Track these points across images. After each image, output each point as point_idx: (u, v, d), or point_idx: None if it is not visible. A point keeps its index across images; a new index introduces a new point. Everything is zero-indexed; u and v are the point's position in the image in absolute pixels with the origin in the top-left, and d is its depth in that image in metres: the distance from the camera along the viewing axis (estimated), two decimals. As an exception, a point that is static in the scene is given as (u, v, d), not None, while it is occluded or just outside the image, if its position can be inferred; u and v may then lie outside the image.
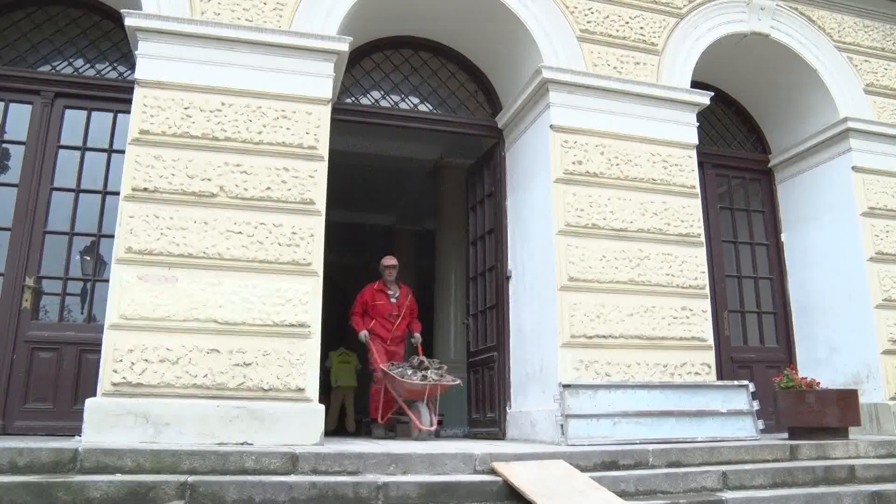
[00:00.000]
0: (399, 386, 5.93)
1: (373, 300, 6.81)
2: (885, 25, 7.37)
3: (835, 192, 6.88)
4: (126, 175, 4.86)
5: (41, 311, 5.32)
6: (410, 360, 6.14)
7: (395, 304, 6.82)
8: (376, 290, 6.87)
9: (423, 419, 5.81)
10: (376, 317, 6.76)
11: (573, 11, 6.19)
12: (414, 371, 5.94)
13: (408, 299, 6.92)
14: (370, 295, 6.85)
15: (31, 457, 3.66)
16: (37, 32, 5.79)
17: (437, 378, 5.90)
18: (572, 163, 5.79)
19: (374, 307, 6.78)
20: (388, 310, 6.80)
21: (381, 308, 6.79)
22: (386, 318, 6.79)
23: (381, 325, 6.76)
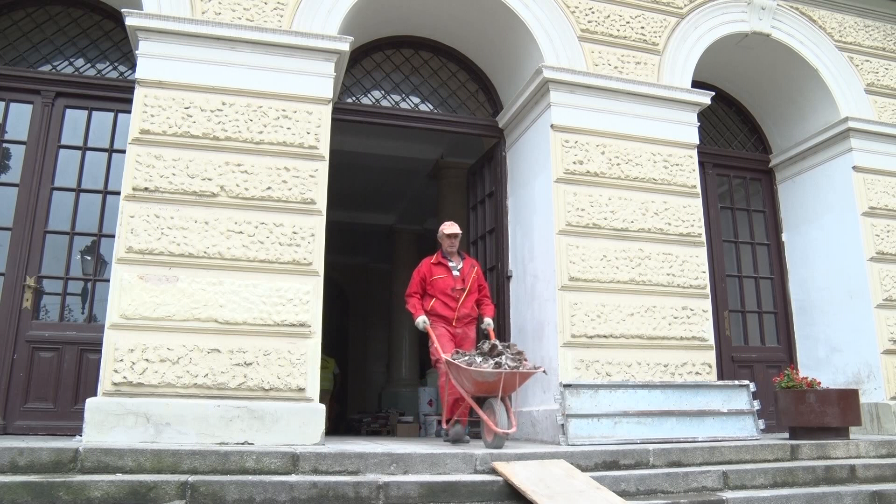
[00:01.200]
0: (466, 377, 4.68)
1: (431, 275, 5.61)
2: (886, 25, 7.37)
3: (835, 192, 6.88)
4: (127, 175, 4.86)
5: (42, 310, 5.32)
6: (480, 345, 4.93)
7: (457, 278, 5.58)
8: (433, 264, 5.65)
9: (499, 419, 4.54)
10: (436, 294, 5.57)
11: (574, 11, 6.19)
12: (484, 358, 4.69)
13: (474, 271, 5.70)
14: (427, 269, 5.65)
15: (31, 456, 3.66)
16: (38, 32, 5.80)
17: (514, 365, 4.59)
18: (573, 162, 5.79)
19: (432, 283, 5.60)
20: (450, 284, 5.58)
21: (441, 283, 5.59)
22: (448, 295, 5.55)
23: (442, 304, 5.54)
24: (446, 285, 5.58)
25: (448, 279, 5.59)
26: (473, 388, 4.71)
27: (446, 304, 5.54)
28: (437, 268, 5.64)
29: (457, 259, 5.69)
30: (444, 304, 5.54)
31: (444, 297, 5.55)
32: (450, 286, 5.57)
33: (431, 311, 5.52)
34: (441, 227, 5.70)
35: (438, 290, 5.57)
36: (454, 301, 5.54)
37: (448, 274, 5.61)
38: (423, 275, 5.64)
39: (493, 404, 4.62)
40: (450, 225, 5.69)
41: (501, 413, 4.57)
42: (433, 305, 5.55)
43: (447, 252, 5.68)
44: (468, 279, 5.61)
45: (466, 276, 5.61)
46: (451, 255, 5.69)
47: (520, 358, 4.73)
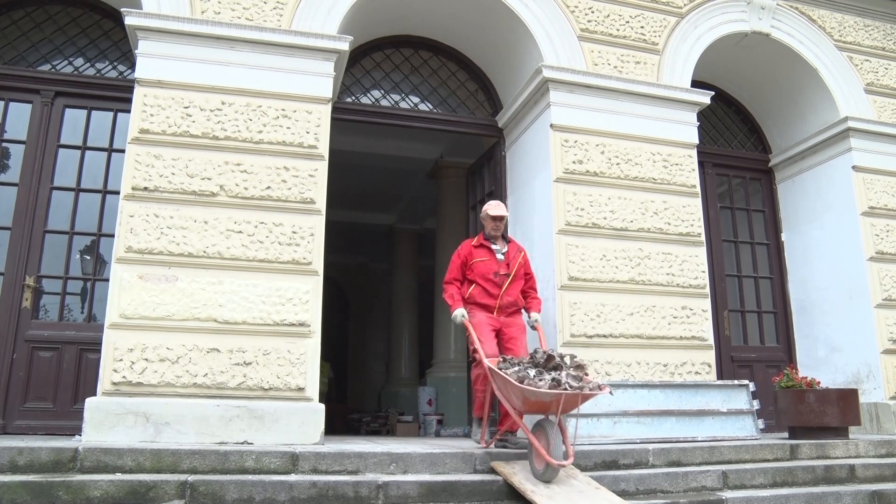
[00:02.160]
0: (516, 394, 3.87)
1: (471, 257, 5.00)
2: (886, 25, 7.37)
3: (835, 192, 6.88)
4: (126, 174, 4.86)
5: (41, 310, 5.32)
6: (533, 354, 4.15)
7: (501, 262, 4.97)
8: (475, 246, 5.04)
9: (554, 448, 3.72)
10: (477, 279, 4.93)
11: (574, 11, 6.19)
12: (539, 372, 3.89)
13: (520, 256, 5.08)
14: (467, 252, 5.03)
15: (31, 456, 3.66)
16: (37, 31, 5.79)
17: (577, 386, 3.77)
18: (573, 162, 5.79)
19: (473, 267, 4.98)
20: (493, 268, 4.94)
21: (482, 267, 4.95)
22: (490, 280, 4.91)
23: (483, 291, 4.90)
24: (488, 269, 4.93)
25: (491, 262, 4.96)
26: (524, 407, 3.91)
27: (488, 290, 4.89)
28: (479, 250, 5.02)
29: (501, 243, 5.09)
30: (484, 291, 4.90)
31: (486, 283, 4.90)
32: (492, 270, 4.92)
33: (470, 299, 4.91)
34: (485, 208, 5.10)
35: (479, 274, 4.93)
36: (497, 287, 4.89)
37: (491, 257, 4.98)
38: (464, 258, 5.02)
39: (547, 428, 3.81)
40: (496, 205, 5.08)
41: (556, 440, 3.75)
42: (472, 292, 4.91)
43: (490, 235, 5.07)
44: (513, 264, 4.98)
45: (512, 261, 4.99)
46: (495, 239, 5.08)
47: (581, 374, 3.91)
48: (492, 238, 5.07)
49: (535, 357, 4.08)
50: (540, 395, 3.71)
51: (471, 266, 4.99)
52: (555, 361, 3.99)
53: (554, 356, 4.01)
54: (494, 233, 5.07)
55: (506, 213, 5.09)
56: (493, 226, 5.06)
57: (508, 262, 4.99)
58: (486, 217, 5.09)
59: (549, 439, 3.76)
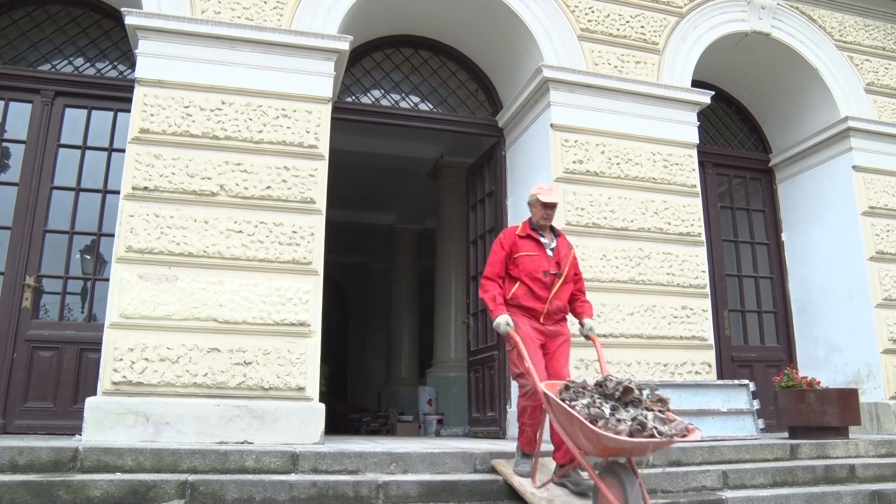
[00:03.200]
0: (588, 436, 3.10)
1: (517, 249, 4.12)
2: (886, 24, 7.36)
3: (835, 192, 6.88)
4: (126, 174, 4.86)
5: (41, 309, 5.32)
6: (604, 381, 3.33)
7: (551, 259, 4.10)
8: (521, 237, 4.15)
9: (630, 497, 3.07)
10: (522, 277, 4.06)
11: (574, 10, 6.19)
12: (614, 408, 3.14)
13: (571, 253, 4.23)
14: (512, 242, 4.13)
15: (31, 456, 3.66)
16: (37, 31, 5.79)
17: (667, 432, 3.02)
18: (573, 162, 5.79)
19: (517, 262, 4.10)
20: (542, 265, 4.06)
21: (529, 263, 4.07)
22: (538, 280, 4.03)
23: (529, 292, 4.03)
24: (537, 266, 4.05)
25: (540, 259, 4.07)
26: (595, 450, 3.15)
27: (534, 292, 4.02)
28: (525, 242, 4.12)
29: (550, 235, 4.22)
30: (530, 293, 4.02)
31: (533, 283, 4.03)
32: (541, 268, 4.05)
33: (513, 301, 4.03)
34: (535, 191, 4.18)
35: (525, 271, 4.05)
36: (546, 289, 4.03)
37: (541, 252, 4.10)
38: (509, 249, 4.12)
39: (621, 474, 3.14)
40: (548, 190, 4.16)
41: (633, 488, 3.09)
42: (516, 293, 4.04)
43: (538, 225, 4.19)
44: (564, 263, 4.13)
45: (563, 259, 4.14)
46: (544, 230, 4.20)
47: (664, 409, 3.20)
48: (540, 228, 4.19)
49: (607, 386, 3.27)
50: (621, 442, 2.99)
51: (515, 260, 4.10)
52: (633, 395, 3.21)
53: (631, 388, 3.23)
54: (544, 223, 4.19)
55: (559, 199, 4.24)
56: (544, 214, 4.15)
57: (559, 261, 4.13)
58: (536, 203, 4.16)
59: (625, 488, 3.08)
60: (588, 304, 4.28)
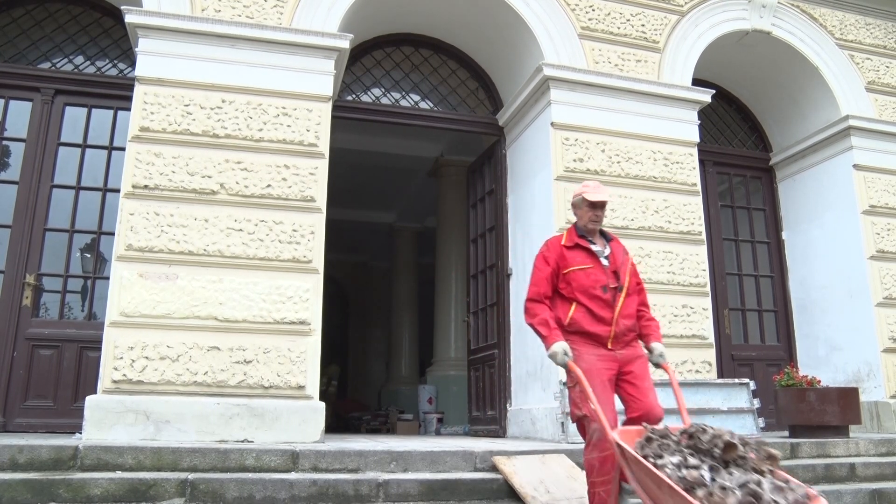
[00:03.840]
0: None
1: (565, 264, 3.46)
2: (887, 23, 7.35)
3: (836, 190, 6.87)
4: (126, 172, 4.86)
5: (41, 308, 5.32)
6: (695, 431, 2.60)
7: (607, 269, 3.45)
8: (568, 248, 3.49)
9: None
10: (577, 296, 3.39)
11: (574, 9, 6.18)
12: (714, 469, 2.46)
13: (628, 259, 3.59)
14: (558, 255, 3.48)
15: (31, 454, 3.66)
16: (37, 29, 5.79)
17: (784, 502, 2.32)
18: (573, 160, 5.78)
19: (568, 278, 3.43)
20: (600, 279, 3.41)
21: (583, 278, 3.41)
22: (598, 298, 3.37)
23: (589, 314, 3.36)
24: (593, 281, 3.40)
25: (595, 271, 3.42)
26: None
27: (595, 313, 3.35)
28: (574, 253, 3.47)
29: (601, 241, 3.57)
30: (590, 315, 3.35)
31: (592, 302, 3.36)
32: (599, 282, 3.40)
33: (572, 327, 3.35)
34: (579, 191, 3.58)
35: (581, 289, 3.39)
36: (608, 308, 3.35)
37: (594, 263, 3.45)
38: (555, 264, 3.46)
39: None
40: (595, 187, 3.57)
41: None
42: (574, 318, 3.36)
43: (586, 229, 3.53)
44: (623, 272, 3.47)
45: (621, 268, 3.47)
46: (593, 235, 3.56)
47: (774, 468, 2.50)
48: (588, 234, 3.54)
49: (699, 438, 2.56)
50: None
51: (565, 276, 3.43)
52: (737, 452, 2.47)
53: (735, 443, 2.48)
54: (593, 226, 3.54)
55: (609, 196, 3.57)
56: (592, 216, 3.51)
57: (617, 270, 3.46)
58: (582, 203, 3.54)
59: None
60: (655, 324, 3.56)
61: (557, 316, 3.39)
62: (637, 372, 3.35)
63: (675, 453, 2.51)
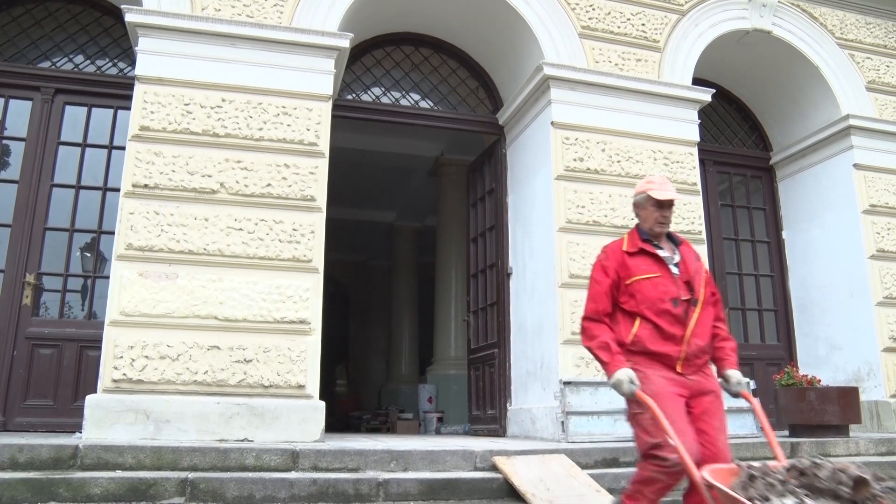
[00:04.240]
0: None
1: (627, 273, 2.99)
2: (888, 22, 7.35)
3: (836, 190, 6.87)
4: (126, 171, 4.85)
5: (41, 307, 5.32)
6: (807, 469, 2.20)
7: (678, 279, 2.97)
8: (630, 254, 3.02)
9: None
10: (644, 312, 2.93)
11: (574, 8, 6.18)
12: None
13: (702, 266, 3.09)
14: (618, 263, 3.02)
15: (31, 453, 3.66)
16: (37, 28, 5.78)
17: None
18: (573, 159, 5.78)
19: (633, 290, 2.96)
20: (669, 291, 2.94)
21: (650, 290, 2.94)
22: (667, 313, 2.91)
23: (657, 333, 2.90)
24: (661, 293, 2.92)
25: (664, 281, 2.95)
26: None
27: (663, 330, 2.88)
28: (638, 260, 3.00)
29: (668, 245, 3.08)
30: (658, 333, 2.89)
31: (660, 318, 2.90)
32: (668, 294, 2.92)
33: (636, 346, 2.90)
34: (643, 187, 3.09)
35: (647, 302, 2.92)
36: (679, 325, 2.89)
37: (663, 271, 2.97)
38: (615, 275, 2.99)
39: None
40: (661, 183, 3.07)
41: None
42: (638, 335, 2.91)
43: (651, 232, 3.05)
44: (697, 281, 2.98)
45: (694, 277, 2.98)
46: (659, 239, 3.07)
47: None
48: (654, 237, 3.05)
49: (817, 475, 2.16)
50: None
51: (628, 288, 2.97)
52: (870, 489, 2.11)
53: (866, 479, 2.11)
54: (660, 228, 3.05)
55: (676, 194, 3.05)
56: (659, 217, 3.03)
57: (689, 279, 2.97)
58: (646, 202, 3.05)
59: None
60: (731, 345, 3.09)
61: (619, 335, 2.92)
62: (709, 408, 2.84)
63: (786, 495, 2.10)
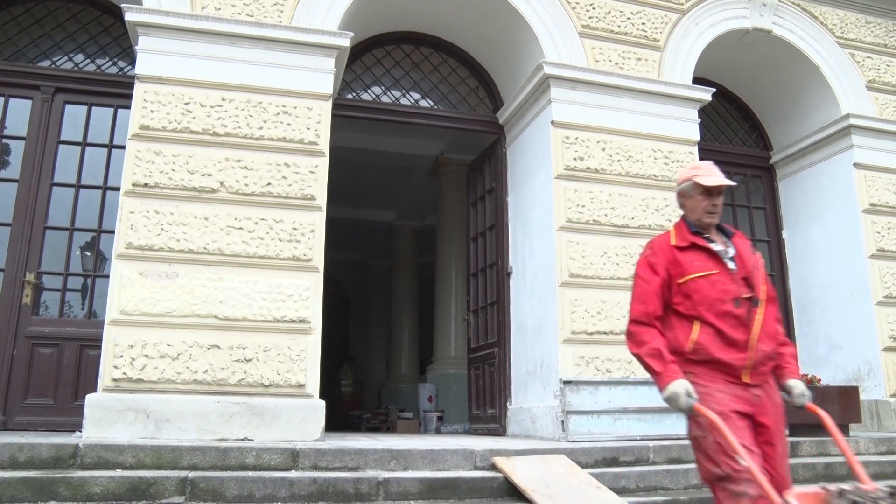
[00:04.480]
0: None
1: (680, 271, 2.65)
2: (888, 22, 7.35)
3: (836, 189, 6.87)
4: (126, 170, 4.85)
5: (41, 306, 5.32)
6: None
7: (736, 275, 2.63)
8: (681, 249, 2.69)
9: None
10: (702, 314, 2.59)
11: (575, 7, 6.17)
12: None
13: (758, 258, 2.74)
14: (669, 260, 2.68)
15: (31, 452, 3.66)
16: (37, 27, 5.78)
17: None
18: (574, 159, 5.78)
19: (687, 289, 2.62)
20: (730, 290, 2.60)
21: (707, 289, 2.60)
22: (729, 316, 2.57)
23: (718, 338, 2.56)
24: (720, 292, 2.58)
25: (722, 278, 2.60)
26: None
27: (726, 335, 2.54)
28: (691, 255, 2.66)
29: (719, 237, 2.73)
30: (719, 338, 2.55)
31: (721, 321, 2.55)
32: (729, 294, 2.58)
33: (698, 354, 2.55)
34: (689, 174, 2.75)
35: (705, 303, 2.58)
36: (741, 328, 2.54)
37: (720, 267, 2.63)
38: (665, 273, 2.66)
39: None
40: (708, 169, 2.74)
41: None
42: (700, 342, 2.55)
43: (699, 224, 2.72)
44: (756, 277, 2.63)
45: (752, 272, 2.64)
46: (709, 231, 2.72)
47: None
48: (703, 230, 2.72)
49: None
50: None
51: (682, 287, 2.62)
52: None
53: None
54: (709, 219, 2.71)
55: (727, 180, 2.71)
56: (708, 206, 2.69)
57: (748, 276, 2.62)
58: (693, 190, 2.71)
59: None
60: (790, 350, 2.71)
61: (674, 342, 2.57)
62: (773, 428, 2.52)
63: None
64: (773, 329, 2.63)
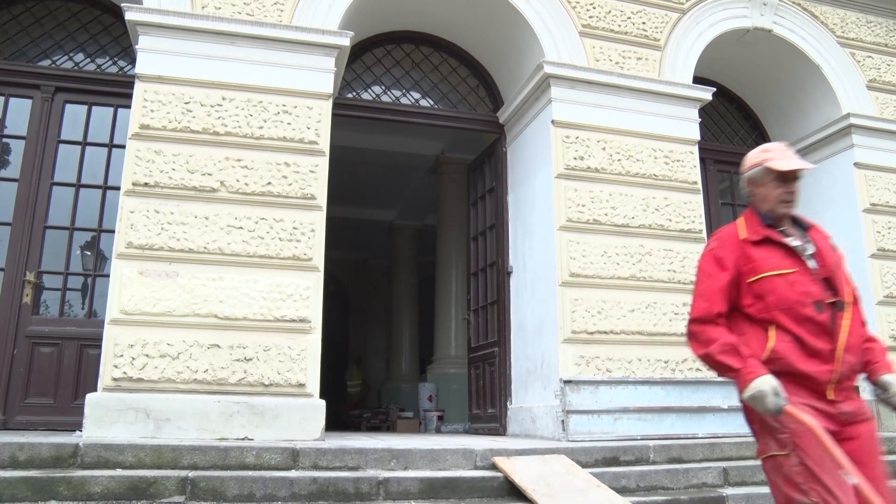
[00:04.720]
0: None
1: (752, 268, 2.34)
2: (889, 21, 7.34)
3: (836, 189, 6.87)
4: (126, 170, 4.85)
5: (41, 305, 5.32)
6: None
7: (816, 274, 2.30)
8: (754, 243, 2.37)
9: None
10: (778, 319, 2.27)
11: (575, 6, 6.17)
12: None
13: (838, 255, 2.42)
14: (739, 255, 2.38)
15: (31, 452, 3.66)
16: (37, 27, 5.78)
17: None
18: (574, 158, 5.77)
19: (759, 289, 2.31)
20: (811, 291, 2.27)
21: (785, 289, 2.27)
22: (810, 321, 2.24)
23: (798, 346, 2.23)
24: (800, 294, 2.28)
25: (802, 279, 2.30)
26: None
27: (806, 343, 2.25)
28: (764, 251, 2.36)
29: (794, 230, 2.43)
30: (799, 346, 2.25)
31: (801, 327, 2.26)
32: (810, 296, 2.28)
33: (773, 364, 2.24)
34: (759, 158, 2.45)
35: (783, 304, 2.28)
36: (825, 336, 2.25)
37: (799, 265, 2.32)
38: (735, 269, 2.37)
39: None
40: (781, 151, 2.44)
41: None
42: (778, 349, 2.26)
43: (774, 214, 2.42)
44: (839, 278, 2.34)
45: (835, 272, 2.34)
46: (783, 222, 2.43)
47: None
48: (777, 222, 2.42)
49: None
50: None
51: (754, 287, 2.34)
52: None
53: None
54: (784, 209, 2.41)
55: (803, 163, 2.40)
56: (783, 194, 2.39)
57: (830, 276, 2.33)
58: (764, 177, 2.42)
59: None
60: (879, 346, 2.39)
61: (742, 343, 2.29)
62: (863, 442, 2.19)
63: None
64: (861, 337, 2.31)
